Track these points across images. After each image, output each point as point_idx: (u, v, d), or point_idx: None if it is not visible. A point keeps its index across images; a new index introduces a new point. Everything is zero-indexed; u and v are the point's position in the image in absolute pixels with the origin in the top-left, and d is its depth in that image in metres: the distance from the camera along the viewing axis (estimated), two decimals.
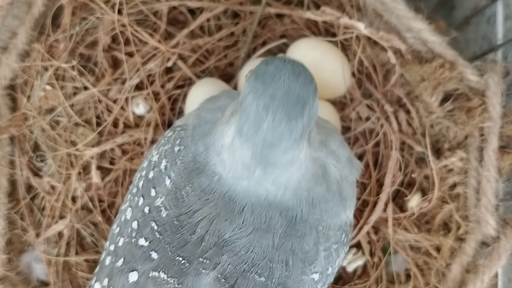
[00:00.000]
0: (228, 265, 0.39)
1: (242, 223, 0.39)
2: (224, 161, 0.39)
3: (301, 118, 0.34)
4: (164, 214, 0.41)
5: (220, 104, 0.45)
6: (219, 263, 0.39)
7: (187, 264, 0.39)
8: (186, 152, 0.43)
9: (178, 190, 0.41)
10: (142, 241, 0.41)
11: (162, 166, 0.44)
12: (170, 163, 0.43)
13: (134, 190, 0.46)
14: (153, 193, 0.43)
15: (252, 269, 0.39)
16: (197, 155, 0.42)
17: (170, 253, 0.39)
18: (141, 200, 0.43)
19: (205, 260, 0.39)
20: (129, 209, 0.44)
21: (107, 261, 0.44)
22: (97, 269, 0.46)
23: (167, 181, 0.42)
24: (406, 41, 0.56)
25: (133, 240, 0.42)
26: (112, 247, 0.44)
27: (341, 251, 0.45)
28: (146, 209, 0.42)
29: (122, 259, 0.42)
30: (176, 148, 0.44)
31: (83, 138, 0.58)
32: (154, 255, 0.40)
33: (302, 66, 0.36)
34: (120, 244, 0.43)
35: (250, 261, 0.39)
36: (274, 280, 0.39)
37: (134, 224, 0.42)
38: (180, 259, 0.39)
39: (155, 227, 0.40)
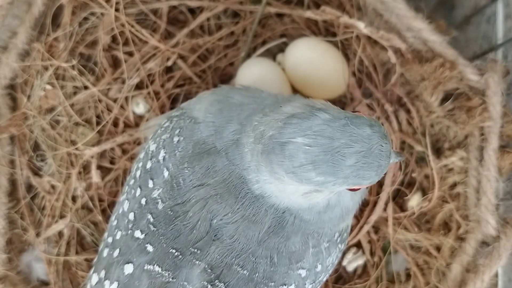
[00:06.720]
0: (216, 255, 0.39)
1: (236, 208, 0.39)
2: (249, 136, 0.39)
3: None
4: (160, 206, 0.41)
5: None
6: (208, 253, 0.39)
7: (180, 256, 0.39)
8: (187, 142, 0.43)
9: (175, 178, 0.41)
10: (138, 233, 0.41)
11: (160, 157, 0.43)
12: (168, 154, 0.43)
13: (132, 182, 0.46)
14: (150, 184, 0.43)
15: (236, 261, 0.39)
16: (209, 137, 0.42)
17: (164, 245, 0.40)
18: (138, 191, 0.43)
19: (196, 250, 0.39)
20: (126, 201, 0.45)
21: (105, 253, 0.44)
22: (95, 260, 0.46)
23: (165, 173, 0.42)
24: (406, 41, 0.56)
25: (129, 231, 0.42)
26: (110, 240, 0.44)
27: (332, 250, 0.44)
28: (143, 201, 0.42)
29: (118, 250, 0.42)
30: (176, 139, 0.44)
31: (83, 138, 0.58)
32: (150, 247, 0.40)
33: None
34: (118, 237, 0.43)
35: (234, 252, 0.39)
36: (258, 274, 0.39)
37: (131, 216, 0.43)
38: (174, 251, 0.39)
39: (151, 219, 0.41)
